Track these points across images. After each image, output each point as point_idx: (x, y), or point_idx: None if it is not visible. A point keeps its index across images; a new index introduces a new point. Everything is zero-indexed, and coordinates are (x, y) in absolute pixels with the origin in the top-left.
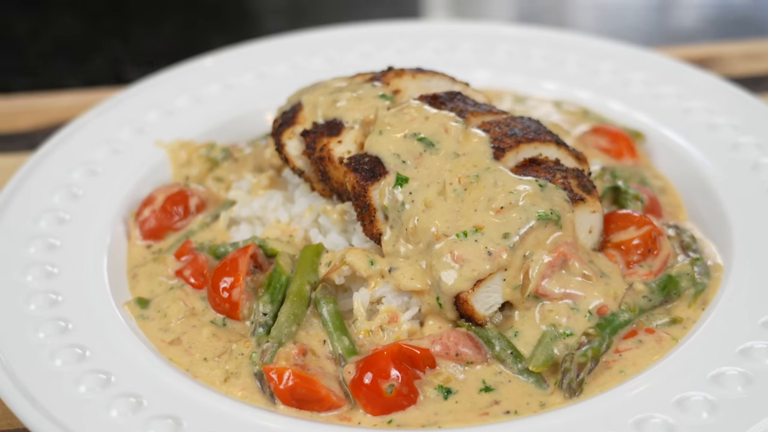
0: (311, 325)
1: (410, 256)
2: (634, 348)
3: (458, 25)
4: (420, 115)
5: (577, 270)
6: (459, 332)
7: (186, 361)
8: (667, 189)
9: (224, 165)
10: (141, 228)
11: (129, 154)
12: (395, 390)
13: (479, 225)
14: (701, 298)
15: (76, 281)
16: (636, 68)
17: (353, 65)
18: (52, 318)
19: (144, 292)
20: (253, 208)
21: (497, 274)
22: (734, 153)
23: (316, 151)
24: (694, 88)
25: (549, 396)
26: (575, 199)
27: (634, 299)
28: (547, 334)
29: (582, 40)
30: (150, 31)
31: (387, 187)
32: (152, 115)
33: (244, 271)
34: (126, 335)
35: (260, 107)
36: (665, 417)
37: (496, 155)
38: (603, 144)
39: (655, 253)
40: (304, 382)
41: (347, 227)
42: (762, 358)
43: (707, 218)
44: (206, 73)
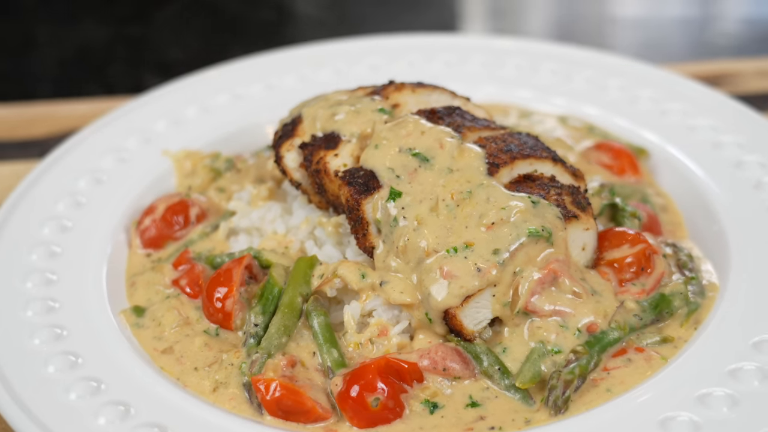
0: (302, 336)
1: (401, 270)
2: (622, 366)
3: (469, 40)
4: (416, 130)
5: (568, 287)
6: (447, 347)
7: (177, 370)
8: (668, 207)
9: (227, 175)
10: (141, 237)
11: (135, 163)
12: (381, 403)
13: (470, 241)
14: (694, 317)
15: (74, 289)
16: (644, 84)
17: (361, 78)
18: (48, 325)
19: (141, 300)
20: (251, 219)
21: (486, 289)
22: (737, 171)
23: (313, 164)
24: (701, 105)
25: (535, 413)
26: (568, 216)
27: (624, 317)
28: (535, 351)
29: (592, 56)
30: (172, 40)
31: (380, 201)
32: (160, 125)
33: (238, 281)
34: (119, 343)
35: (267, 119)
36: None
37: (490, 171)
38: (605, 160)
39: (649, 271)
40: (290, 393)
41: (342, 240)
42: (750, 379)
43: (707, 237)
44: (216, 84)
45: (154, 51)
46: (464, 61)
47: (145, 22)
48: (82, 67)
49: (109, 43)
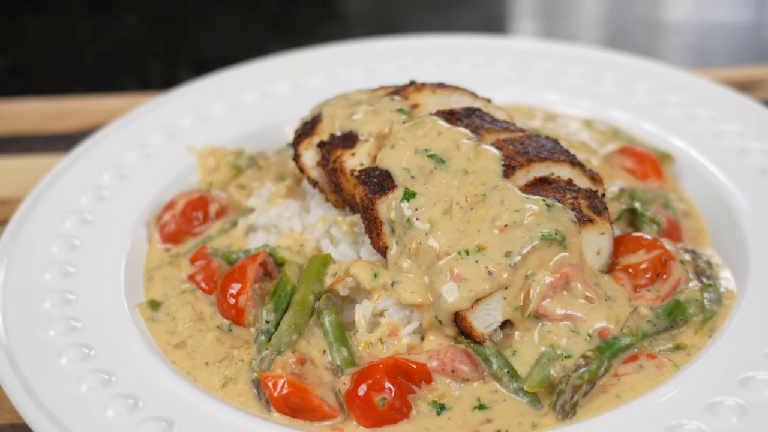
0: (313, 334)
1: (413, 271)
2: (633, 373)
3: (495, 41)
4: (433, 131)
5: (580, 292)
6: (457, 349)
7: (188, 365)
8: (691, 213)
9: (248, 172)
10: (161, 232)
11: (159, 158)
12: (387, 403)
13: (482, 245)
14: (709, 325)
15: (92, 282)
16: (672, 89)
17: (390, 78)
18: (64, 317)
19: (158, 294)
20: (270, 216)
21: (497, 292)
22: (763, 179)
23: (330, 163)
24: (729, 111)
25: (542, 417)
26: (583, 220)
27: (637, 323)
28: (544, 355)
29: (621, 59)
30: (208, 37)
31: (394, 201)
32: (186, 121)
33: (252, 278)
34: (133, 337)
35: (292, 117)
36: None
37: (506, 173)
38: (629, 165)
39: (664, 277)
40: (297, 390)
41: (357, 239)
42: (762, 389)
43: (728, 244)
44: (244, 81)
45: (191, 47)
46: (492, 62)
47: (183, 18)
48: (119, 63)
49: (147, 39)
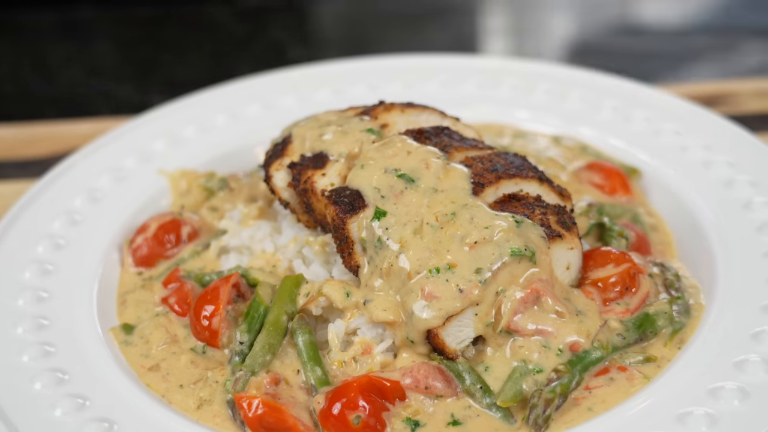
0: (287, 354)
1: (385, 290)
2: (604, 385)
3: (463, 60)
4: (402, 150)
5: (550, 306)
6: (430, 365)
7: (162, 388)
8: (658, 226)
9: (220, 194)
10: (134, 255)
11: (131, 182)
12: (362, 421)
13: (452, 262)
14: (678, 337)
15: (65, 306)
16: (638, 105)
17: (360, 98)
18: (38, 342)
19: (131, 318)
20: (242, 238)
21: (469, 309)
22: (727, 191)
23: (301, 183)
24: (694, 126)
25: (516, 431)
26: (552, 236)
27: (607, 337)
28: (516, 370)
29: (587, 76)
30: (179, 60)
31: (365, 220)
32: (158, 144)
33: (225, 300)
34: (107, 360)
35: (263, 138)
36: None
37: (475, 191)
38: (597, 180)
39: (633, 290)
40: (272, 410)
41: (329, 259)
42: (731, 398)
43: (696, 257)
44: (215, 104)
45: (162, 71)
46: (461, 81)
47: (154, 42)
48: (91, 88)
49: (118, 64)
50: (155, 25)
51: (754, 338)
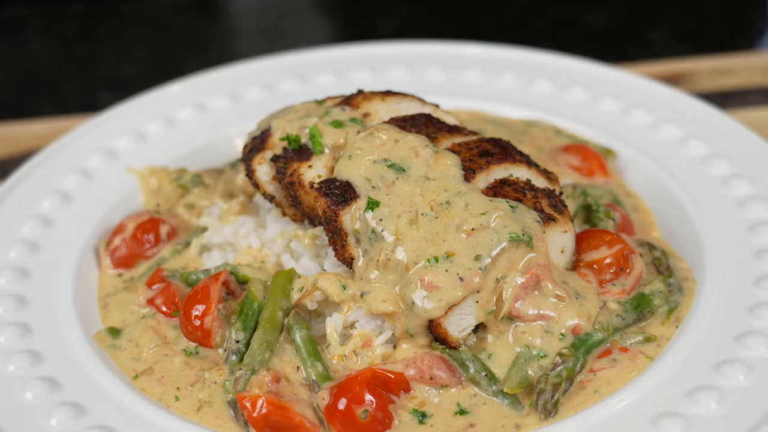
0: (284, 351)
1: (381, 281)
2: (608, 367)
3: (428, 47)
4: (389, 139)
5: (551, 291)
6: (433, 355)
7: (158, 391)
8: (638, 206)
9: (195, 191)
10: (112, 257)
11: (100, 181)
12: (370, 415)
13: (450, 251)
14: (674, 315)
15: (47, 312)
16: (606, 85)
17: (327, 87)
18: (22, 350)
19: (115, 321)
20: (224, 234)
21: (470, 296)
22: (704, 168)
23: (287, 176)
24: (664, 105)
25: (524, 417)
26: (546, 220)
27: (607, 318)
28: (521, 356)
29: (552, 59)
30: (122, 56)
31: (358, 212)
32: (123, 142)
33: (216, 298)
34: (97, 366)
35: (232, 132)
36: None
37: (466, 177)
38: (574, 162)
39: (628, 271)
40: (277, 409)
41: (319, 252)
42: (735, 374)
43: (679, 235)
44: (178, 99)
45: (106, 67)
46: (424, 69)
47: (93, 39)
48: (32, 88)
49: (57, 62)
50: (90, 20)
51: (750, 312)
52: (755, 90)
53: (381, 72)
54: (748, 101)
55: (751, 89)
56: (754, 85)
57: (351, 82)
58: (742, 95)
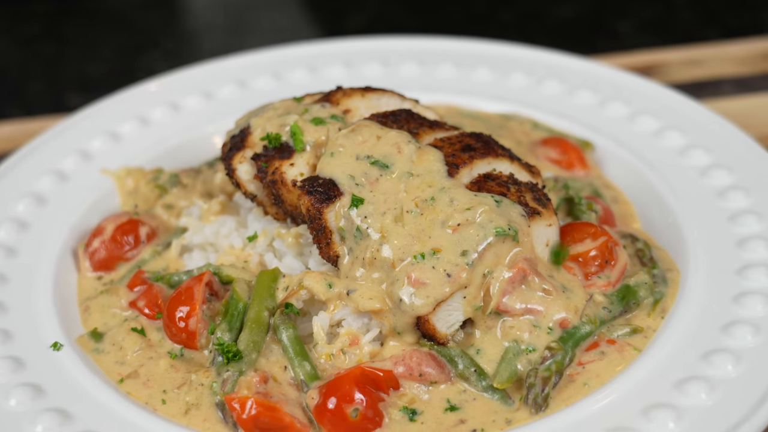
0: (271, 351)
1: (368, 279)
2: (596, 360)
3: (401, 42)
4: (372, 136)
5: (537, 285)
6: (421, 352)
7: (145, 395)
8: (618, 198)
9: (173, 191)
10: (91, 259)
11: (76, 183)
12: (360, 414)
13: (437, 247)
14: (660, 306)
15: (26, 317)
16: (581, 78)
17: (300, 84)
18: (4, 356)
19: (97, 325)
20: (205, 235)
21: (457, 292)
22: (682, 160)
23: (269, 175)
24: (639, 96)
25: (515, 412)
26: (531, 213)
27: (594, 311)
28: (509, 350)
29: (526, 52)
30: (88, 55)
31: (342, 209)
32: (98, 143)
33: (200, 299)
34: (81, 370)
35: (208, 131)
36: (633, 427)
37: (450, 172)
38: (554, 155)
39: (612, 263)
40: (267, 410)
41: (303, 250)
42: (723, 364)
43: (660, 226)
44: (151, 98)
45: (71, 68)
46: (398, 65)
47: (57, 39)
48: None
49: (21, 62)
50: (55, 20)
51: (735, 302)
52: (727, 80)
53: (355, 68)
54: (721, 91)
55: (724, 79)
56: (726, 75)
57: (325, 79)
58: (715, 85)
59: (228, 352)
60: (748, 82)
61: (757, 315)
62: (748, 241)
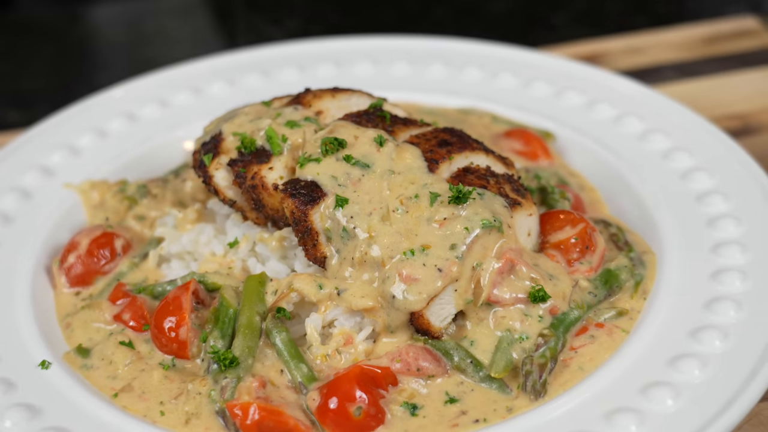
0: (266, 356)
1: (357, 278)
2: (588, 344)
3: (351, 42)
4: (348, 135)
5: (525, 274)
6: (417, 347)
7: (142, 408)
8: (584, 185)
9: (143, 202)
10: (67, 275)
11: (40, 199)
12: (363, 412)
13: (426, 244)
14: (641, 288)
15: (9, 338)
16: (534, 70)
17: (254, 89)
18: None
19: (81, 341)
20: (182, 244)
21: (449, 286)
22: (643, 144)
23: (248, 180)
24: (593, 85)
25: (514, 400)
26: (512, 204)
27: (581, 296)
28: (503, 340)
29: (477, 47)
30: (21, 70)
31: (327, 210)
32: (57, 157)
33: (189, 308)
34: (74, 388)
35: (168, 140)
36: (632, 406)
37: (430, 168)
38: (518, 147)
39: (592, 249)
40: (271, 414)
41: (287, 253)
42: (711, 340)
43: (628, 210)
44: (107, 109)
45: (6, 83)
46: (352, 64)
47: None
48: None
49: None
50: None
51: (713, 278)
52: (668, 66)
53: (309, 70)
54: (664, 77)
55: (665, 65)
56: (666, 62)
57: (279, 83)
58: (657, 72)
59: (224, 359)
60: (689, 67)
61: (736, 291)
62: (718, 220)
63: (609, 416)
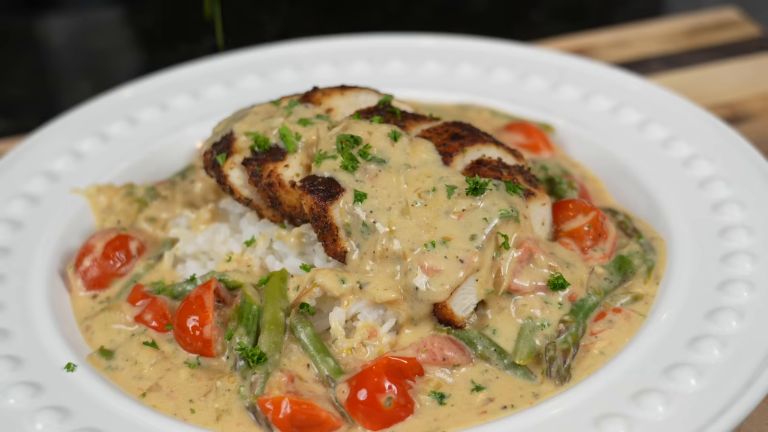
0: (291, 351)
1: (378, 272)
2: (607, 329)
3: (347, 42)
4: (363, 131)
5: (543, 262)
6: (441, 337)
7: (171, 406)
8: (587, 176)
9: (154, 204)
10: (83, 278)
11: (48, 204)
12: (393, 402)
13: (447, 236)
14: (654, 273)
15: (31, 341)
16: (528, 65)
17: (253, 90)
18: (18, 382)
19: (103, 342)
20: (198, 244)
21: (470, 276)
22: (642, 134)
23: (264, 178)
24: (588, 78)
25: (540, 386)
26: (527, 194)
27: (597, 282)
28: (525, 327)
29: (470, 44)
30: (4, 79)
31: (346, 205)
32: (61, 163)
33: (211, 307)
34: (102, 389)
35: (170, 142)
36: (657, 387)
37: (445, 161)
38: (519, 140)
39: (605, 236)
40: (303, 407)
41: (305, 249)
42: (728, 321)
43: (632, 198)
44: (107, 114)
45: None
46: (348, 64)
47: None
48: None
49: None
50: None
51: (723, 261)
52: (655, 58)
53: (306, 70)
54: (651, 69)
55: (651, 58)
56: (652, 54)
57: (278, 83)
58: (644, 64)
59: (252, 355)
60: (675, 59)
61: (747, 273)
62: (723, 205)
63: (635, 397)
